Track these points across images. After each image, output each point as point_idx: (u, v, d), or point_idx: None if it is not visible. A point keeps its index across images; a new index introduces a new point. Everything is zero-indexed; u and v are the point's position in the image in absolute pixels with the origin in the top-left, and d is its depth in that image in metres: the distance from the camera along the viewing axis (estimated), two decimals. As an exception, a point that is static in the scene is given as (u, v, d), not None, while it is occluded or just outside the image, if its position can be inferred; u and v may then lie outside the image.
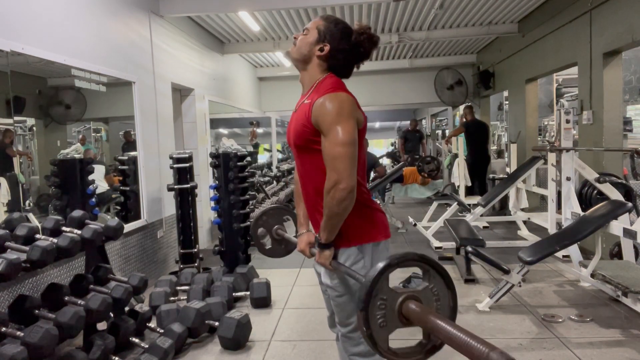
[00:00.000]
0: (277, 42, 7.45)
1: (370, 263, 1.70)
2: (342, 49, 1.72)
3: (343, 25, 1.74)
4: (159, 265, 4.73)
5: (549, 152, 4.72)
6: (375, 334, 1.25)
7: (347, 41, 1.72)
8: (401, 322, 1.28)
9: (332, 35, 1.72)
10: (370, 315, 1.24)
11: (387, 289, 1.27)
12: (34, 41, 3.10)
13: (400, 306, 1.26)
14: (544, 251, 3.49)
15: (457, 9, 6.19)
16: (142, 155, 4.45)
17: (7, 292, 2.72)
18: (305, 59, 1.75)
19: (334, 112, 1.58)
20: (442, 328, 1.14)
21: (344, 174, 1.55)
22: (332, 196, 1.57)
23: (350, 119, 1.59)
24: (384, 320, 1.26)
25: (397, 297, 1.27)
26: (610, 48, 4.65)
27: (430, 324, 1.17)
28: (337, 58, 1.73)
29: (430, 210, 6.57)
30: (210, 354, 3.04)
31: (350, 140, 1.57)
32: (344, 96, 1.63)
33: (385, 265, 1.27)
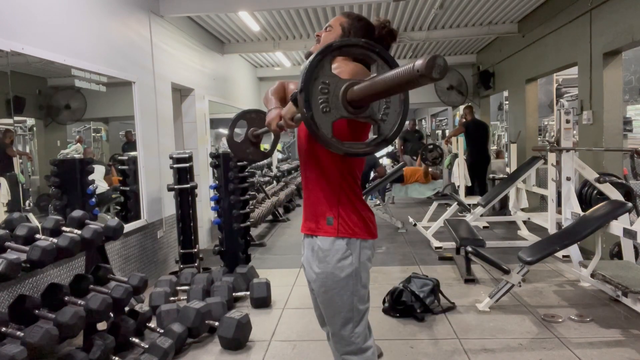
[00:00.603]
0: (277, 42, 7.45)
1: (357, 261, 1.70)
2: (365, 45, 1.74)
3: (366, 22, 1.77)
4: (159, 265, 4.73)
5: (549, 152, 4.72)
6: (317, 118, 1.19)
7: (370, 36, 1.74)
8: (346, 109, 1.22)
9: (356, 31, 1.74)
10: (312, 98, 1.18)
11: (330, 74, 1.21)
12: (34, 41, 3.10)
13: (345, 91, 1.21)
14: (544, 251, 3.49)
15: (457, 9, 6.19)
16: (142, 155, 4.45)
17: (7, 292, 2.72)
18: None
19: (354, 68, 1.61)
20: (376, 81, 1.08)
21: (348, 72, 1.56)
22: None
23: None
24: (327, 106, 1.21)
25: (341, 84, 1.22)
26: (610, 48, 4.65)
27: (376, 83, 1.10)
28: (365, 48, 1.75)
29: (430, 210, 6.57)
30: (210, 354, 3.04)
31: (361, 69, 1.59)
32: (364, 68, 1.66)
33: (326, 46, 1.21)
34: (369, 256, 1.76)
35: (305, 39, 7.34)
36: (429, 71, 0.91)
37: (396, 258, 5.16)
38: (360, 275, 1.72)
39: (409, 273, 3.83)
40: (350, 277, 1.69)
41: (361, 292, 1.74)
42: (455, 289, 4.05)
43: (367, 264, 1.75)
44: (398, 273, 4.51)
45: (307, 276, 1.84)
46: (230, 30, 6.80)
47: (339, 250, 1.69)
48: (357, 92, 1.19)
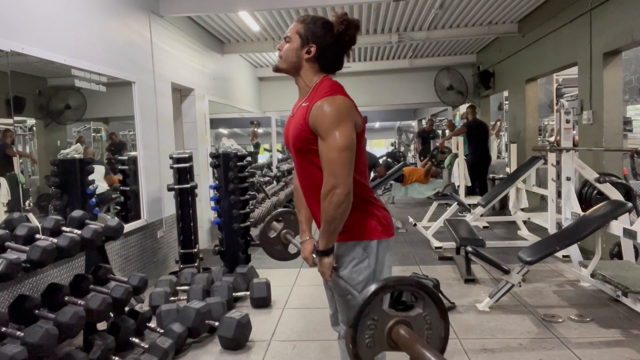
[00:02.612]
0: (277, 42, 7.44)
1: (374, 262, 1.71)
2: (328, 44, 1.70)
3: (322, 21, 1.73)
4: (159, 265, 4.73)
5: (549, 152, 4.72)
6: (362, 353, 1.25)
7: (330, 35, 1.70)
8: (389, 345, 1.28)
9: (315, 34, 1.70)
10: (359, 333, 1.25)
11: (380, 310, 1.27)
12: (34, 41, 3.10)
13: (391, 329, 1.26)
14: (544, 251, 3.49)
15: (457, 9, 6.19)
16: (142, 155, 4.45)
17: (7, 292, 2.72)
18: (295, 66, 1.74)
19: (331, 116, 1.57)
20: (423, 355, 1.14)
21: (340, 179, 1.55)
22: (330, 200, 1.56)
23: (348, 122, 1.58)
24: (372, 341, 1.26)
25: (388, 320, 1.27)
26: (610, 48, 4.65)
27: (417, 353, 1.16)
28: (325, 55, 1.71)
29: (430, 210, 6.57)
30: (210, 354, 3.04)
31: (348, 145, 1.56)
32: (342, 99, 1.62)
33: (380, 287, 1.26)
34: (387, 256, 1.76)
35: (305, 39, 7.33)
36: None
37: (396, 258, 5.16)
38: (378, 277, 1.73)
39: (409, 273, 3.83)
40: (368, 279, 1.71)
41: None
42: (455, 289, 4.05)
43: (386, 262, 1.75)
44: (398, 273, 4.51)
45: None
46: (230, 30, 6.80)
47: (355, 255, 1.71)
48: (401, 339, 1.24)
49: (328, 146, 1.57)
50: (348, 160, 1.57)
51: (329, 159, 1.56)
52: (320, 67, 1.73)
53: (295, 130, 1.70)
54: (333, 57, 1.73)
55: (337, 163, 1.55)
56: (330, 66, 1.75)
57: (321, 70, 1.73)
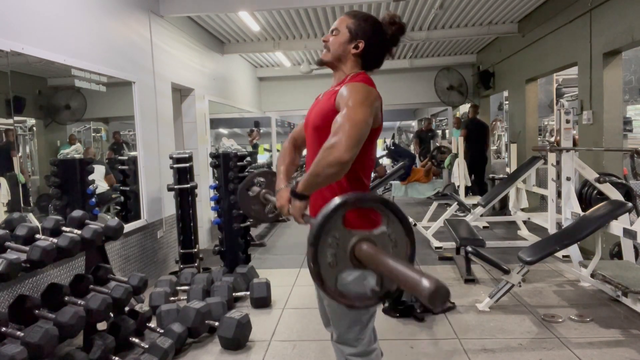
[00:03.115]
0: (277, 42, 7.45)
1: None
2: (376, 43, 1.74)
3: (372, 20, 1.76)
4: (159, 265, 4.73)
5: (549, 152, 4.72)
6: (323, 272, 1.21)
7: (378, 35, 1.74)
8: (352, 263, 1.24)
9: (365, 31, 1.73)
10: (320, 252, 1.20)
11: (341, 228, 1.23)
12: (34, 41, 3.10)
13: (353, 247, 1.23)
14: (544, 251, 3.49)
15: (457, 9, 6.19)
16: (142, 155, 4.45)
17: (7, 292, 2.72)
18: (340, 59, 1.76)
19: (357, 95, 1.58)
20: (385, 262, 1.11)
21: (345, 143, 1.48)
22: (325, 156, 1.49)
23: (370, 107, 1.58)
24: (335, 260, 1.23)
25: (350, 238, 1.23)
26: (610, 48, 4.65)
27: (382, 263, 1.13)
28: (372, 52, 1.75)
29: (430, 210, 6.57)
30: (210, 354, 3.04)
31: (364, 120, 1.53)
32: (372, 89, 1.65)
33: (341, 203, 1.22)
34: None
35: (305, 39, 7.34)
36: (432, 302, 0.95)
37: (396, 258, 5.15)
38: (368, 279, 1.70)
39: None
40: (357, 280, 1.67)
41: None
42: (455, 289, 4.05)
43: None
44: (398, 273, 4.50)
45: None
46: (230, 30, 6.80)
47: None
48: (364, 256, 1.22)
49: (344, 116, 1.54)
50: (359, 132, 1.51)
51: (341, 124, 1.52)
52: (363, 64, 1.76)
53: (320, 109, 1.72)
54: (377, 57, 1.77)
55: (348, 130, 1.50)
56: (372, 64, 1.78)
57: (362, 66, 1.77)
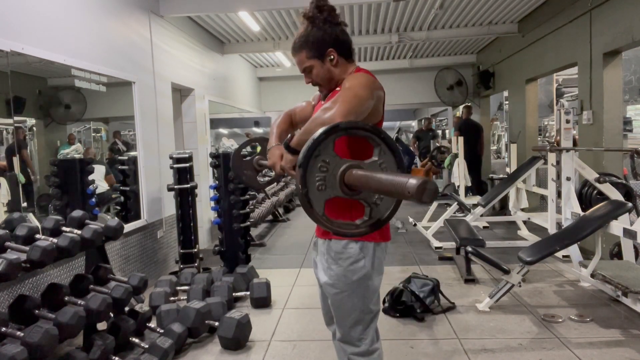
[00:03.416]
0: (277, 42, 7.45)
1: (370, 264, 1.71)
2: (334, 37, 1.70)
3: (311, 28, 1.70)
4: (159, 265, 4.73)
5: (549, 152, 4.72)
6: (312, 195, 1.21)
7: (328, 30, 1.69)
8: (342, 190, 1.24)
9: (321, 43, 1.69)
10: (309, 174, 1.20)
11: (332, 153, 1.23)
12: (34, 41, 3.10)
13: (343, 173, 1.23)
14: (544, 251, 3.49)
15: (457, 9, 6.19)
16: (142, 155, 4.45)
17: (7, 292, 2.72)
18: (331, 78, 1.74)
19: (357, 81, 1.57)
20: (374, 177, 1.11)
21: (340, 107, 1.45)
22: (319, 115, 1.47)
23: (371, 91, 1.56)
24: (323, 184, 1.23)
25: (341, 164, 1.23)
26: (610, 48, 4.65)
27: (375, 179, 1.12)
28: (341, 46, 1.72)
29: (430, 210, 6.57)
30: (210, 354, 3.04)
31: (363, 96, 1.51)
32: (374, 79, 1.63)
33: (332, 127, 1.22)
34: (382, 259, 1.76)
35: (305, 39, 7.33)
36: (419, 196, 0.96)
37: (396, 258, 5.16)
38: (373, 279, 1.74)
39: (409, 273, 3.83)
40: (362, 280, 1.71)
41: (372, 295, 1.76)
42: (455, 289, 4.05)
43: (380, 267, 1.76)
44: (398, 273, 4.50)
45: (317, 276, 1.84)
46: (230, 30, 6.80)
47: (352, 254, 1.70)
48: (353, 178, 1.22)
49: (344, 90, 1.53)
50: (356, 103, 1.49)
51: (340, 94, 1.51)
52: (346, 59, 1.74)
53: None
54: (344, 39, 1.73)
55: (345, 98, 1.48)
56: (349, 49, 1.75)
57: (347, 61, 1.75)
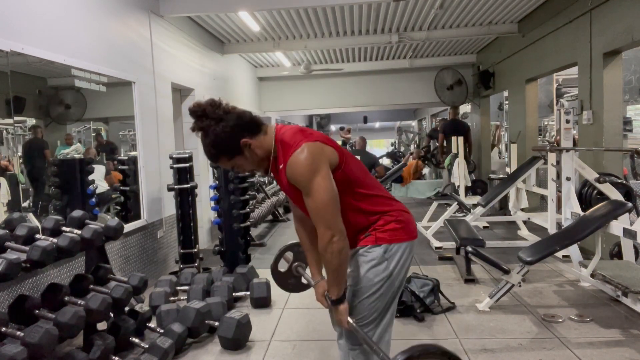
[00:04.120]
0: (277, 42, 7.45)
1: (393, 266, 1.74)
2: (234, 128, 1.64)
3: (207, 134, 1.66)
4: (159, 265, 4.73)
5: (549, 152, 4.72)
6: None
7: (224, 123, 1.63)
8: None
9: (228, 142, 1.64)
10: None
11: None
12: (34, 41, 3.10)
13: None
14: (544, 251, 3.49)
15: (457, 9, 6.19)
16: (142, 155, 4.45)
17: (7, 292, 2.72)
18: (261, 160, 1.72)
19: (304, 173, 1.59)
20: None
21: (334, 228, 1.60)
22: (331, 251, 1.61)
23: (322, 171, 1.60)
24: None
25: None
26: (610, 48, 4.65)
27: None
28: (244, 127, 1.66)
29: (430, 210, 6.57)
30: (210, 354, 3.04)
31: (330, 195, 1.60)
32: (306, 148, 1.60)
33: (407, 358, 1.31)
34: (407, 259, 1.79)
35: (305, 39, 7.34)
36: None
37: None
38: (394, 282, 1.76)
39: (409, 273, 3.82)
40: (383, 281, 1.74)
41: (390, 295, 1.78)
42: (455, 289, 4.05)
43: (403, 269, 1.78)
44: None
45: None
46: (230, 30, 6.79)
47: (375, 257, 1.73)
48: None
49: (312, 201, 1.61)
50: (335, 208, 1.61)
51: (317, 212, 1.61)
52: (258, 133, 1.69)
53: (285, 187, 1.74)
54: (244, 122, 1.67)
55: (327, 214, 1.60)
56: (254, 123, 1.69)
57: (262, 132, 1.69)
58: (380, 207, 1.76)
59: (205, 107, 1.64)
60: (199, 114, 1.65)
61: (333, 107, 11.47)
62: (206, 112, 1.64)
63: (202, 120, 1.65)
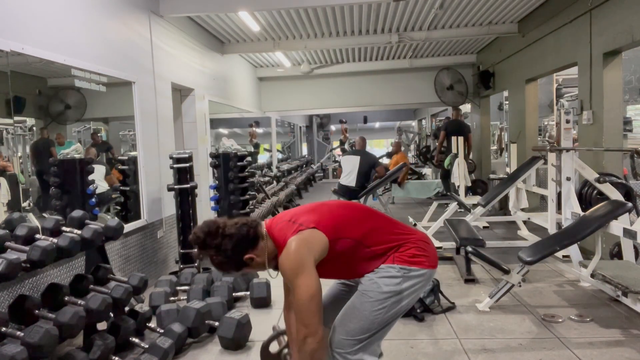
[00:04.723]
0: (277, 42, 7.45)
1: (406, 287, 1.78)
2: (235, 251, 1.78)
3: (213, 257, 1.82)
4: (159, 265, 4.73)
5: (549, 152, 4.72)
6: None
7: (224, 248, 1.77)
8: None
9: (233, 264, 1.81)
10: None
11: None
12: (34, 41, 3.10)
13: None
14: (544, 251, 3.49)
15: (457, 9, 6.19)
16: (142, 155, 4.45)
17: (7, 292, 2.72)
18: (264, 263, 1.83)
19: (288, 271, 1.71)
20: None
21: (311, 329, 1.66)
22: (304, 350, 1.67)
23: (305, 267, 1.67)
24: None
25: None
26: (610, 48, 4.65)
27: None
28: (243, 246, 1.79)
29: (430, 210, 6.57)
30: (210, 354, 3.04)
31: (312, 293, 1.68)
32: (292, 243, 1.71)
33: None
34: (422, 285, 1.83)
35: (305, 39, 7.34)
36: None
37: (396, 258, 5.15)
38: (401, 300, 1.80)
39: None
40: (390, 294, 1.77)
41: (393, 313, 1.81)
42: (455, 289, 4.05)
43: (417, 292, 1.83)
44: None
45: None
46: (230, 30, 6.79)
47: (391, 271, 1.79)
48: None
49: (296, 297, 1.69)
50: (317, 307, 1.68)
51: (299, 308, 1.69)
52: (258, 244, 1.81)
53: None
54: (239, 242, 1.78)
55: (306, 312, 1.67)
56: (252, 238, 1.80)
57: (259, 243, 1.81)
58: (396, 242, 1.82)
59: (204, 239, 1.79)
60: (200, 245, 1.81)
61: (333, 107, 11.47)
62: (206, 243, 1.79)
63: (204, 250, 1.81)
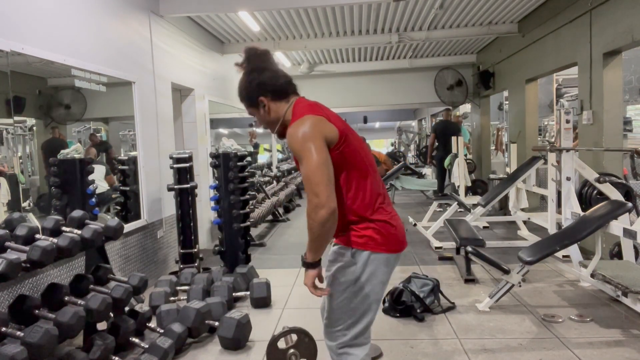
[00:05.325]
0: (277, 42, 7.45)
1: (361, 272, 1.74)
2: (261, 84, 1.77)
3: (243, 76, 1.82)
4: (159, 265, 4.73)
5: (549, 152, 4.72)
6: None
7: (257, 75, 1.77)
8: None
9: (250, 93, 1.80)
10: None
11: None
12: (34, 41, 3.10)
13: None
14: (544, 251, 3.49)
15: (457, 9, 6.19)
16: (142, 155, 4.45)
17: (7, 292, 2.72)
18: (271, 121, 1.83)
19: (298, 139, 1.64)
20: None
21: (322, 198, 1.58)
22: (314, 219, 1.60)
23: (315, 140, 1.62)
24: None
25: None
26: (610, 48, 4.65)
27: None
28: (270, 88, 1.78)
29: (430, 210, 6.57)
30: (210, 354, 3.05)
31: (321, 161, 1.60)
32: (307, 119, 1.67)
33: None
34: (380, 270, 1.75)
35: (305, 39, 7.34)
36: None
37: (396, 258, 5.15)
38: (362, 286, 1.76)
39: (409, 273, 3.83)
40: (348, 283, 1.76)
41: (358, 302, 1.77)
42: (455, 289, 4.05)
43: (377, 277, 1.76)
44: (398, 273, 4.50)
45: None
46: (230, 30, 6.80)
47: (343, 259, 1.77)
48: None
49: (304, 167, 1.63)
50: (326, 177, 1.60)
51: (308, 177, 1.61)
52: (280, 100, 1.80)
53: (294, 159, 1.79)
54: (272, 84, 1.78)
55: (315, 181, 1.59)
56: (281, 90, 1.79)
57: (282, 101, 1.80)
58: (365, 210, 1.73)
59: (253, 53, 1.79)
60: (246, 56, 1.80)
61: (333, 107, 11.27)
62: (250, 58, 1.79)
63: (245, 62, 1.80)
